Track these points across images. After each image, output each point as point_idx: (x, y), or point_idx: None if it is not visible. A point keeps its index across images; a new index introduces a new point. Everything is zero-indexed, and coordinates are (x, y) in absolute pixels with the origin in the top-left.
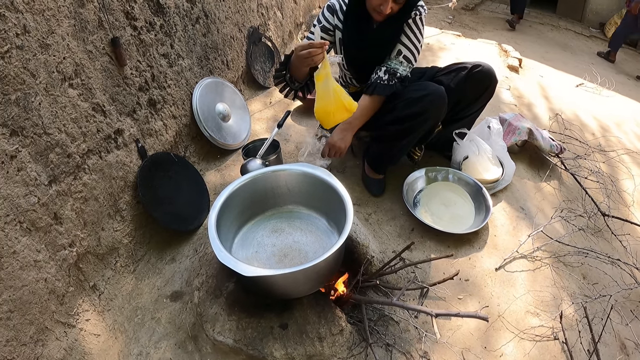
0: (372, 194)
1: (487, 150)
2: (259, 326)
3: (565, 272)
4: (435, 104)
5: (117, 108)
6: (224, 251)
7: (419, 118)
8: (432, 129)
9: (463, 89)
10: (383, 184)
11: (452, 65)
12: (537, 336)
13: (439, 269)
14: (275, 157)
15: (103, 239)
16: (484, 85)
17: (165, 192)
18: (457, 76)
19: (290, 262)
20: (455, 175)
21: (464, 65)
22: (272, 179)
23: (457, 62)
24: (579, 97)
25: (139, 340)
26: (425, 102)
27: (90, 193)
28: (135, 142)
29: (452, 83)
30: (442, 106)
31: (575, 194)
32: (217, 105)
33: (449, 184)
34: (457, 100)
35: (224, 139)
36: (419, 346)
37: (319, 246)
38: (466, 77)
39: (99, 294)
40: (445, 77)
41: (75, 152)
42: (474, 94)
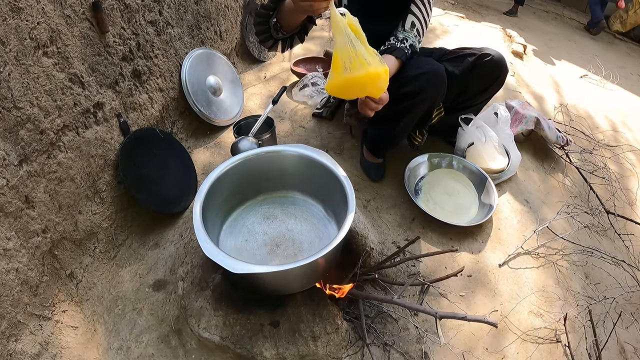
0: (371, 179)
1: (493, 138)
2: (248, 323)
3: (569, 271)
4: (432, 82)
5: (97, 79)
6: (209, 243)
7: (416, 98)
8: (430, 110)
9: (469, 78)
10: (382, 169)
11: (460, 50)
12: (539, 338)
13: (441, 262)
14: (269, 136)
15: (80, 223)
16: (492, 76)
17: (149, 171)
18: (462, 63)
19: (283, 253)
20: (460, 163)
21: (471, 52)
22: (265, 160)
23: (465, 47)
24: (583, 89)
25: (119, 333)
26: (422, 81)
27: (66, 173)
28: (117, 117)
29: (457, 70)
30: (440, 85)
31: (579, 189)
32: (208, 78)
33: (453, 171)
34: (461, 89)
35: (215, 114)
36: (419, 347)
37: (315, 236)
38: (473, 65)
39: (76, 282)
40: (450, 63)
41: (49, 128)
42: (481, 85)
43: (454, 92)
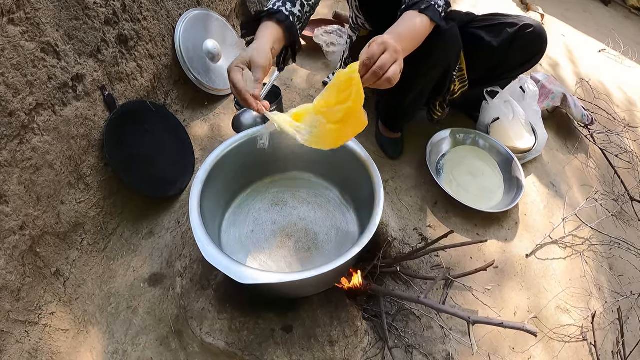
0: (388, 156)
1: (520, 113)
2: (257, 328)
3: (595, 262)
4: (443, 44)
5: (75, 48)
6: (210, 244)
7: (427, 63)
8: (444, 77)
9: (508, 51)
10: (401, 145)
11: (494, 18)
12: (566, 336)
13: (466, 252)
14: (275, 107)
15: (64, 215)
16: (534, 49)
17: (140, 150)
18: (501, 34)
19: (296, 246)
20: (487, 142)
21: (511, 21)
22: (273, 137)
23: (498, 14)
24: (602, 64)
25: (113, 334)
26: (432, 43)
27: (43, 159)
28: (100, 90)
29: (495, 42)
30: (453, 47)
31: (602, 172)
32: (205, 43)
33: (476, 149)
34: (498, 62)
35: (213, 82)
36: (443, 347)
37: (331, 225)
38: (514, 37)
39: (63, 280)
40: (486, 31)
41: (19, 109)
42: (520, 59)
43: (490, 64)
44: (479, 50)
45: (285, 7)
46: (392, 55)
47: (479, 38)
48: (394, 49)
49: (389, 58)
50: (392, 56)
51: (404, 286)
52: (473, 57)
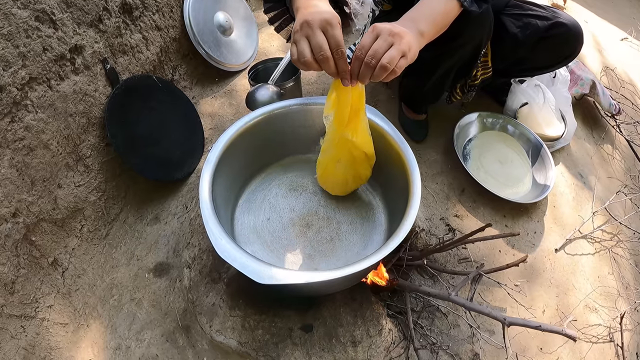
0: (413, 140)
1: (550, 100)
2: (273, 327)
3: (623, 259)
4: (473, 23)
5: (73, 16)
6: (224, 237)
7: (454, 43)
8: (473, 58)
9: (534, 48)
10: (426, 127)
11: (526, 5)
12: (593, 337)
13: (494, 245)
14: (293, 84)
15: (61, 200)
16: (565, 51)
17: (144, 129)
18: (529, 26)
19: (316, 237)
20: (517, 128)
21: (542, 14)
22: (292, 116)
23: (535, 3)
24: (625, 53)
25: (116, 329)
26: (461, 22)
27: (37, 139)
28: (101, 63)
29: (521, 34)
30: (483, 28)
31: (628, 164)
32: (216, 15)
33: (504, 135)
34: (522, 58)
35: (225, 57)
36: (469, 347)
37: (355, 214)
38: (544, 34)
39: (62, 270)
40: (513, 20)
41: (10, 83)
42: (548, 60)
43: (512, 57)
44: (503, 40)
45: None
46: (385, 40)
47: (505, 27)
48: (388, 33)
49: (382, 44)
50: (387, 41)
51: (430, 280)
52: (496, 47)
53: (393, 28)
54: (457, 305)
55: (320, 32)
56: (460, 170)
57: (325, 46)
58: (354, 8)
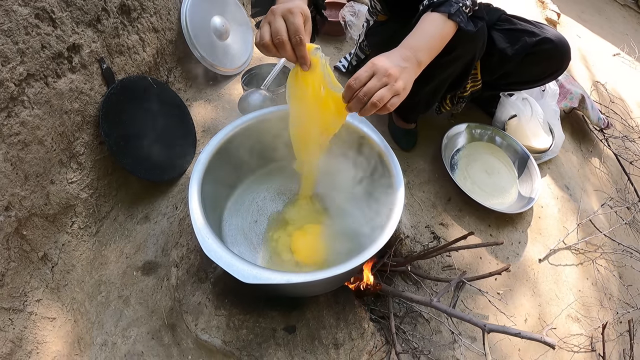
0: (401, 148)
1: (538, 112)
2: (257, 327)
3: (607, 270)
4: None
5: (72, 15)
6: (211, 237)
7: (447, 57)
8: (465, 72)
9: (522, 63)
10: (414, 136)
11: (517, 21)
12: (575, 346)
13: (478, 253)
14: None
15: (53, 195)
16: (552, 66)
17: (138, 129)
18: (518, 42)
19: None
20: (504, 139)
21: (530, 29)
22: (282, 121)
23: (522, 18)
24: (616, 68)
25: (103, 325)
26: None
27: (32, 135)
28: (98, 63)
29: (510, 50)
30: (475, 44)
31: (615, 178)
32: (212, 19)
33: (493, 147)
34: (510, 72)
35: (220, 61)
36: (451, 353)
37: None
38: (531, 49)
39: (51, 265)
40: (503, 36)
41: (8, 79)
42: (535, 74)
43: (500, 71)
44: (491, 55)
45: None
46: (380, 80)
47: (494, 41)
48: (384, 73)
49: (377, 83)
50: (381, 81)
51: (414, 286)
52: (484, 60)
53: (389, 68)
54: (439, 312)
55: (280, 19)
56: (447, 179)
57: (283, 31)
58: (349, 19)
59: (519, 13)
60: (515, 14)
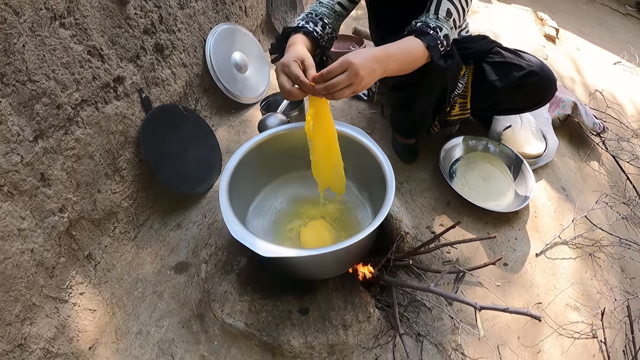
0: (404, 161)
1: (530, 122)
2: (275, 310)
3: (606, 263)
4: (432, 76)
5: (117, 52)
6: (238, 224)
7: (423, 87)
8: (442, 101)
9: (511, 94)
10: (415, 150)
11: (506, 54)
12: (575, 333)
13: (477, 249)
14: (298, 113)
15: (99, 202)
16: (538, 97)
17: (171, 149)
18: (508, 76)
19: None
20: (497, 147)
21: (518, 63)
22: (294, 137)
23: (514, 52)
24: (617, 76)
25: (138, 316)
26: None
27: (84, 150)
28: (138, 92)
29: (499, 82)
30: (439, 81)
31: (615, 178)
32: (233, 55)
33: (488, 155)
34: (499, 101)
35: (240, 91)
36: (453, 337)
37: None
38: (519, 82)
39: (94, 264)
40: (494, 68)
41: (66, 103)
42: (522, 103)
43: (491, 100)
44: (482, 85)
45: (308, 25)
46: (348, 77)
47: (485, 73)
48: (354, 73)
49: (344, 79)
50: (349, 78)
51: (416, 279)
52: (476, 90)
53: (360, 70)
54: (440, 301)
55: (282, 74)
56: (446, 186)
57: (287, 83)
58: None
59: (519, 31)
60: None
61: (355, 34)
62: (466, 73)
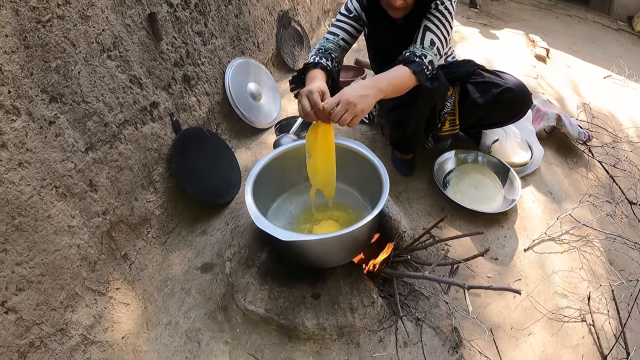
0: (402, 174)
1: (516, 133)
2: (291, 296)
3: (593, 257)
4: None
5: (153, 81)
6: (261, 217)
7: (414, 107)
8: (432, 119)
9: (491, 109)
10: (412, 164)
11: (487, 75)
12: (565, 317)
13: (470, 248)
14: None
15: (136, 209)
16: (514, 111)
17: (197, 166)
18: (488, 93)
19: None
20: (485, 158)
21: (496, 81)
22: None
23: (492, 72)
24: (607, 89)
25: (168, 310)
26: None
27: (125, 163)
28: (169, 116)
29: (481, 99)
30: (428, 101)
31: (603, 182)
32: (248, 85)
33: (479, 166)
34: (482, 117)
35: (255, 117)
36: (449, 322)
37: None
38: (497, 98)
39: (129, 263)
40: (476, 88)
41: (112, 122)
42: (502, 117)
43: (475, 117)
44: (467, 103)
45: (322, 61)
46: (343, 107)
47: (468, 93)
48: (346, 102)
49: (340, 109)
50: (343, 107)
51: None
52: (462, 108)
53: (350, 98)
54: (437, 290)
55: (305, 98)
56: (440, 195)
57: (308, 106)
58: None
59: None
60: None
61: (356, 64)
62: (453, 93)
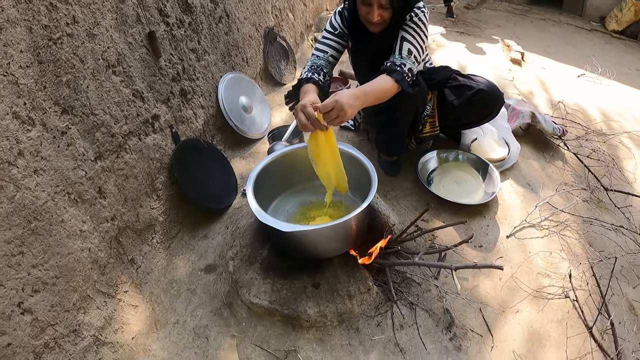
0: (388, 174)
1: (493, 132)
2: (292, 287)
3: (572, 240)
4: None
5: (153, 95)
6: (262, 212)
7: (394, 114)
8: (415, 122)
9: (466, 110)
10: (398, 165)
11: (462, 79)
12: (549, 294)
13: (455, 238)
14: (298, 140)
15: (141, 215)
16: (487, 110)
17: (197, 174)
18: (462, 95)
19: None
20: (465, 156)
21: (470, 84)
22: (299, 155)
23: (467, 76)
24: (581, 87)
25: (175, 309)
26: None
27: (131, 171)
28: (169, 128)
29: (456, 101)
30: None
31: (579, 172)
32: (240, 98)
33: (460, 164)
34: (458, 118)
35: (248, 128)
36: (440, 304)
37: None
38: (470, 100)
39: (136, 267)
40: (452, 91)
41: (118, 133)
42: (476, 117)
43: (452, 117)
44: (443, 106)
45: (314, 76)
46: (337, 112)
47: (445, 96)
48: (339, 108)
49: (334, 114)
50: (338, 114)
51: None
52: (440, 110)
53: (345, 105)
54: (427, 276)
55: (301, 113)
56: (425, 192)
57: (304, 119)
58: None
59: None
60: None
61: (340, 75)
62: (432, 97)
